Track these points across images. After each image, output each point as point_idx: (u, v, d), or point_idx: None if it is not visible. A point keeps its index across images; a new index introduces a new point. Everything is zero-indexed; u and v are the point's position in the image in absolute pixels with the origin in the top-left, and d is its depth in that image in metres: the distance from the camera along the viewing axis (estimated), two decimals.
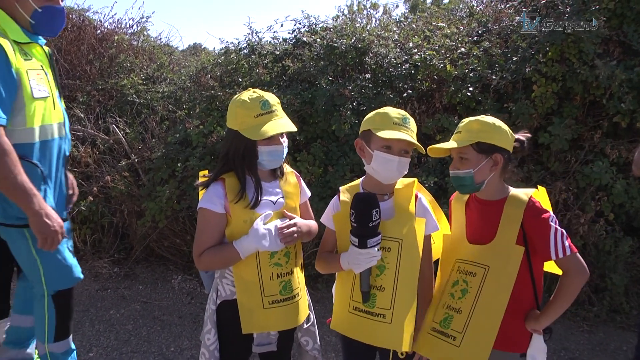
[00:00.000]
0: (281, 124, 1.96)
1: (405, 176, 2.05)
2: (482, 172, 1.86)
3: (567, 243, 1.82)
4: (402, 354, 2.02)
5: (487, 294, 1.83)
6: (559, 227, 1.83)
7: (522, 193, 1.90)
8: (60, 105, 2.45)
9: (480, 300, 1.84)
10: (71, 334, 2.59)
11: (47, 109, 2.32)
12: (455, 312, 1.89)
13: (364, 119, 2.02)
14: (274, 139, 1.96)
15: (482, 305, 1.83)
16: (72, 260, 2.49)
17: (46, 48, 2.44)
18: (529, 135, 1.98)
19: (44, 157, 2.32)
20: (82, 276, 2.55)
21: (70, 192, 2.61)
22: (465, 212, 2.01)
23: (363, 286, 1.91)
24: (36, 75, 2.26)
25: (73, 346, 2.61)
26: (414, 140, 1.90)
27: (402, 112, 1.97)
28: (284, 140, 2.02)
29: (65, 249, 2.46)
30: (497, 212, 1.88)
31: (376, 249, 1.86)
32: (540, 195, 1.93)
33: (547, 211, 1.84)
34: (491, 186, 1.90)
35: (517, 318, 1.87)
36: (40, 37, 2.39)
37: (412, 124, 1.96)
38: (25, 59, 2.23)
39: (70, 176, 2.63)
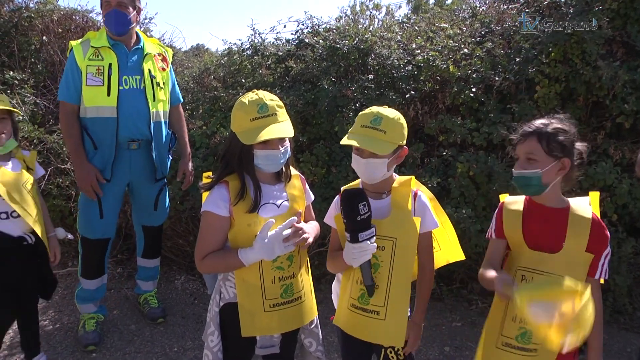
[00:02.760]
0: (276, 129, 1.91)
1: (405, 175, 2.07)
2: (549, 174, 1.84)
3: (607, 267, 1.85)
4: (396, 353, 2.05)
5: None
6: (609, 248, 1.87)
7: (583, 202, 1.91)
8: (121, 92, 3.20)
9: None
10: (95, 279, 3.36)
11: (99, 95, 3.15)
12: (528, 325, 1.84)
13: None
14: (270, 144, 1.93)
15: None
16: (96, 218, 3.26)
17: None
18: (587, 145, 1.97)
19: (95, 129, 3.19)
20: (103, 237, 3.31)
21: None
22: (522, 218, 1.94)
23: (366, 280, 1.92)
24: (95, 69, 3.14)
25: (93, 288, 3.39)
26: (365, 145, 1.88)
27: (377, 111, 1.95)
28: (285, 145, 1.98)
29: (96, 207, 3.25)
30: (562, 221, 1.86)
31: (369, 242, 1.86)
32: (593, 201, 1.94)
33: (606, 230, 1.87)
34: (554, 192, 1.88)
35: None
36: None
37: (387, 123, 1.92)
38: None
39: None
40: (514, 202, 2.00)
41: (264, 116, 1.91)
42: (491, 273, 1.85)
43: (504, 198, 2.06)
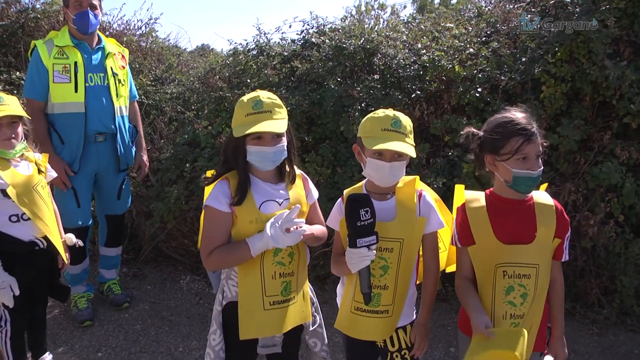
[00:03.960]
0: (265, 124, 1.91)
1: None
2: None
3: (568, 249, 1.93)
4: (402, 357, 2.06)
5: (541, 291, 1.86)
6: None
7: (540, 191, 1.96)
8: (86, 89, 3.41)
9: (535, 299, 1.87)
10: (79, 264, 3.56)
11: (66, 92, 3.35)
12: (520, 319, 1.88)
13: (360, 124, 2.02)
14: (262, 140, 1.94)
15: (537, 303, 1.88)
16: (74, 208, 3.47)
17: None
18: None
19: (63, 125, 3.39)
20: (83, 225, 3.52)
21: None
22: (489, 217, 1.92)
23: (363, 287, 1.91)
24: (62, 67, 3.34)
25: (78, 272, 3.63)
26: (400, 149, 1.86)
27: (394, 114, 1.93)
28: (281, 143, 1.97)
29: (73, 198, 3.46)
30: (529, 211, 1.89)
31: (368, 249, 1.84)
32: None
33: (564, 210, 1.94)
34: None
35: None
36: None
37: (405, 126, 1.92)
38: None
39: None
40: (475, 199, 1.97)
41: (258, 112, 1.93)
42: (472, 307, 1.87)
43: (461, 192, 2.02)
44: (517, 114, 1.89)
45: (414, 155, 1.90)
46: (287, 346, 2.15)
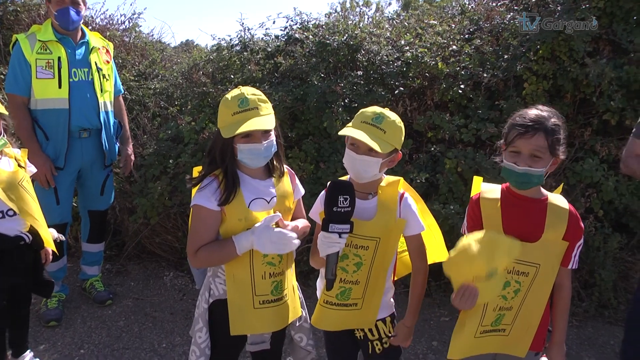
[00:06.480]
0: (255, 122, 1.90)
1: (394, 173, 2.06)
2: (546, 171, 1.84)
3: (578, 258, 1.91)
4: (380, 348, 2.08)
5: (536, 289, 1.86)
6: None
7: (557, 194, 1.95)
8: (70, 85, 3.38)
9: (529, 295, 1.87)
10: (55, 262, 3.45)
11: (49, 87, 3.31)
12: (507, 310, 1.90)
13: None
14: (252, 137, 1.93)
15: (535, 303, 1.88)
16: (53, 205, 3.40)
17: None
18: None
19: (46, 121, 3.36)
20: (61, 222, 3.45)
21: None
22: (501, 210, 1.90)
23: (327, 273, 1.91)
24: (45, 63, 3.29)
25: (54, 269, 3.56)
26: (361, 137, 1.86)
27: (380, 111, 1.94)
28: (269, 139, 1.97)
29: (52, 194, 3.41)
30: (541, 211, 1.88)
31: (339, 236, 1.84)
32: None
33: (581, 221, 1.92)
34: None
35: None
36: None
37: (388, 123, 1.91)
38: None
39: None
40: (490, 190, 1.96)
41: (245, 110, 1.91)
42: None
43: (479, 183, 2.01)
44: (532, 111, 1.84)
45: (380, 149, 1.86)
46: (274, 342, 2.16)
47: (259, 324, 2.02)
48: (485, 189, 1.97)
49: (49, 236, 2.75)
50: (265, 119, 1.93)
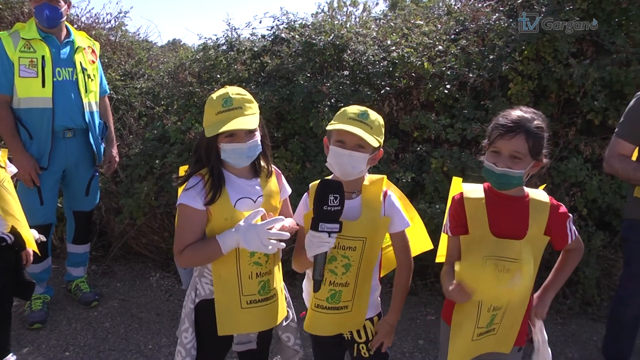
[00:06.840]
0: (237, 122, 1.89)
1: (380, 172, 2.07)
2: (526, 173, 1.86)
3: (574, 227, 1.97)
4: (365, 352, 2.08)
5: (522, 285, 1.87)
6: (570, 214, 1.98)
7: (538, 190, 2.01)
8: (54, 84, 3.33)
9: (515, 292, 1.88)
10: (40, 263, 3.48)
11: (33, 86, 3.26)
12: (498, 310, 1.91)
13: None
14: (235, 137, 1.93)
15: (517, 297, 1.90)
16: (36, 205, 3.36)
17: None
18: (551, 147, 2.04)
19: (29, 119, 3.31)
20: (45, 223, 3.42)
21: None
22: (486, 209, 1.92)
23: (315, 274, 1.90)
24: (28, 61, 3.25)
25: (38, 271, 3.54)
26: (357, 132, 1.87)
27: (364, 109, 1.95)
28: (254, 139, 1.96)
29: (36, 195, 3.36)
30: (523, 208, 1.91)
31: (329, 235, 1.84)
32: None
33: (561, 205, 1.96)
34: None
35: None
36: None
37: (372, 120, 1.93)
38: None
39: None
40: (473, 190, 1.98)
41: (228, 109, 1.90)
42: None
43: (459, 183, 2.04)
44: (515, 112, 1.86)
45: (373, 143, 1.88)
46: (261, 342, 2.16)
47: (247, 324, 2.02)
48: (468, 189, 1.99)
49: (31, 237, 2.71)
50: (249, 119, 1.92)
